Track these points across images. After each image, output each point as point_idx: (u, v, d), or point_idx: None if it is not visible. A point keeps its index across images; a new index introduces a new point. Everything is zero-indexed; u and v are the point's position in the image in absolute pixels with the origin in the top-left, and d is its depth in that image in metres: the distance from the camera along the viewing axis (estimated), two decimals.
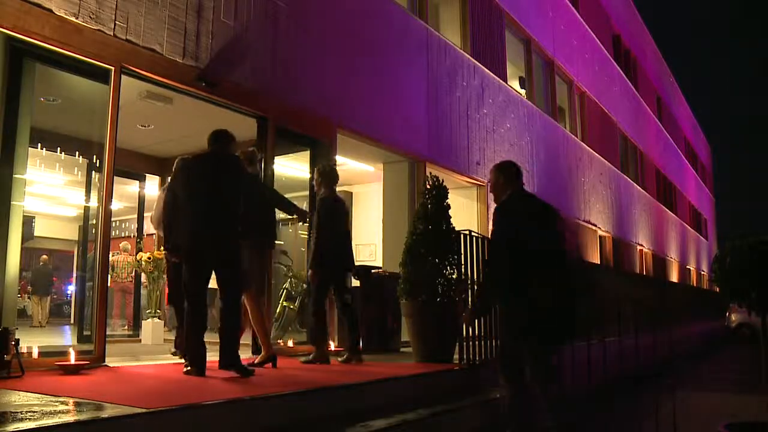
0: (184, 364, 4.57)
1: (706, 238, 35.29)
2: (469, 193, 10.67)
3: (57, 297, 17.44)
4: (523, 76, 13.46)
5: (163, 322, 8.34)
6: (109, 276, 5.51)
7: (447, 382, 5.24)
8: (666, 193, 25.50)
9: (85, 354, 4.73)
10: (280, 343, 6.75)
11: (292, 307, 8.09)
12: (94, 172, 6.60)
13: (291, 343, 6.76)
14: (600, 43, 18.05)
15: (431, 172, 7.71)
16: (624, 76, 20.46)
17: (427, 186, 6.18)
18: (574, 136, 15.60)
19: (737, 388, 8.07)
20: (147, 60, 5.36)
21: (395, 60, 8.76)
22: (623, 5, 21.56)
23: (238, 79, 6.23)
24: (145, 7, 5.39)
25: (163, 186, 7.96)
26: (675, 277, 25.13)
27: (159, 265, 7.90)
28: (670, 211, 25.81)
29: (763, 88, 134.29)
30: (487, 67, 11.17)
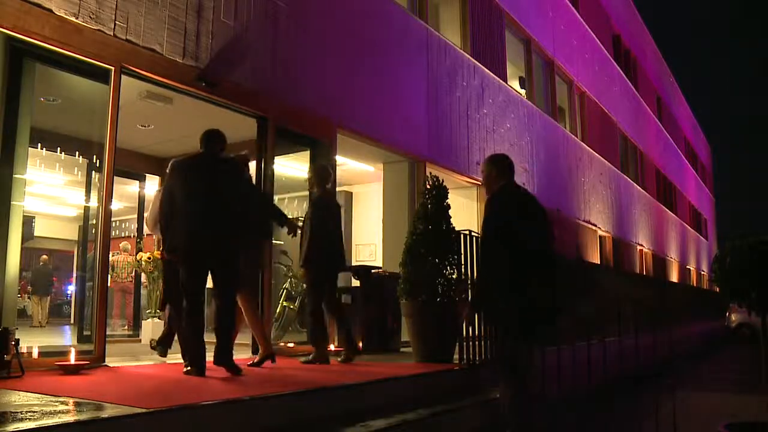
0: (184, 364, 4.57)
1: (706, 238, 35.29)
2: (469, 193, 10.67)
3: (57, 297, 17.43)
4: (523, 76, 13.46)
5: (163, 322, 8.32)
6: (109, 276, 5.51)
7: (447, 382, 5.24)
8: (666, 193, 25.50)
9: (85, 354, 4.73)
10: (280, 343, 6.74)
11: (292, 307, 8.08)
12: (94, 172, 6.61)
13: (291, 344, 6.76)
14: (600, 43, 18.05)
15: (431, 172, 7.70)
16: (624, 76, 20.46)
17: (427, 186, 6.17)
18: (574, 136, 15.60)
19: (737, 388, 8.06)
20: (147, 60, 5.36)
21: (395, 60, 8.77)
22: (623, 5, 21.56)
23: (238, 79, 6.23)
24: (145, 7, 5.39)
25: (160, 187, 7.95)
26: (675, 277, 25.13)
27: (159, 265, 7.89)
28: (670, 211, 25.81)
29: (763, 88, 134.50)
30: (487, 67, 11.17)
